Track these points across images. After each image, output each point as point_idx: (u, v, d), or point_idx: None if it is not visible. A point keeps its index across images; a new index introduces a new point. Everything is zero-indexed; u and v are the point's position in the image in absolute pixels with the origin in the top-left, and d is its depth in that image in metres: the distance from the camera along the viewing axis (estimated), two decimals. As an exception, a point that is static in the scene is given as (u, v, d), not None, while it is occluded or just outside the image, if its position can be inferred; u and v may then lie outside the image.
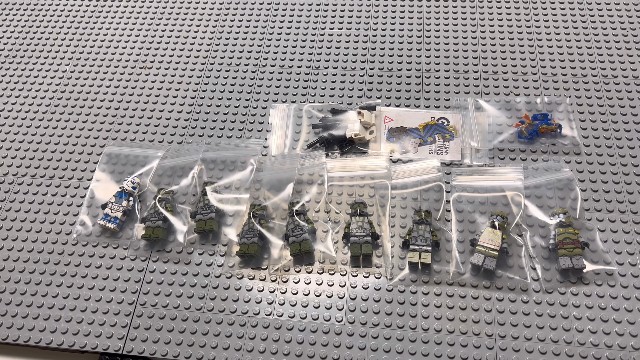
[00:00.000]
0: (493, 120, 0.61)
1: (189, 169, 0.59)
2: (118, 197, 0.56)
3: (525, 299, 0.50)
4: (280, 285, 0.52)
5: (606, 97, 0.62)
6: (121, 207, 0.55)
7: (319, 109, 0.63)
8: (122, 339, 0.50)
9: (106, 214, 0.55)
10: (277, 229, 0.54)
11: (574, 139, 0.59)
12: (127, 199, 0.56)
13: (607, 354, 0.47)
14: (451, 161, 0.58)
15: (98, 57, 0.70)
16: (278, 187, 0.57)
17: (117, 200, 0.56)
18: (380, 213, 0.55)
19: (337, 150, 0.59)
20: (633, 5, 0.71)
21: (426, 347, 0.48)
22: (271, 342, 0.49)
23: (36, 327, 0.51)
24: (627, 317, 0.49)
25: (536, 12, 0.71)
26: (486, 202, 0.55)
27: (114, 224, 0.55)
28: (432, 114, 0.62)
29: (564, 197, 0.55)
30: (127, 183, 0.57)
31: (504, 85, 0.64)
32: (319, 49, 0.69)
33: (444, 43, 0.68)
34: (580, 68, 0.65)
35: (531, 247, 0.52)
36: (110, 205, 0.55)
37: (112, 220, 0.55)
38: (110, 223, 0.55)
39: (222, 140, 0.61)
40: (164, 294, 0.52)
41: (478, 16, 0.71)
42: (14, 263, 0.55)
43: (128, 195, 0.56)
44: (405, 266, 0.52)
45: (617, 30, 0.68)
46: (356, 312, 0.50)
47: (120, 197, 0.56)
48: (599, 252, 0.52)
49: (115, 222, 0.55)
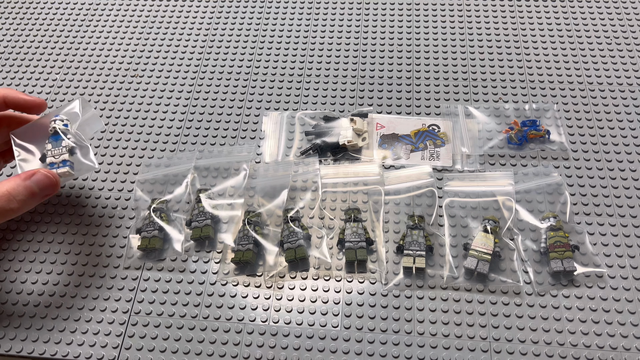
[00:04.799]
0: (483, 126, 0.62)
1: (182, 177, 0.59)
2: (54, 141, 0.50)
3: (518, 301, 0.51)
4: (275, 292, 0.52)
5: (592, 104, 0.64)
6: (63, 148, 0.50)
7: (311, 116, 0.64)
8: (117, 348, 0.50)
9: (51, 163, 0.49)
10: (272, 235, 0.55)
11: (562, 145, 0.60)
12: (67, 137, 0.50)
13: (599, 354, 0.48)
14: (443, 167, 0.59)
15: (89, 66, 0.70)
16: (272, 194, 0.57)
17: (54, 145, 0.50)
18: (374, 219, 0.56)
19: (330, 157, 0.60)
20: (616, 15, 0.73)
21: (422, 351, 0.48)
22: (267, 348, 0.49)
23: (28, 338, 0.50)
24: (617, 318, 0.50)
25: (523, 22, 0.72)
26: (478, 206, 0.56)
27: (65, 167, 0.49)
28: (423, 121, 0.63)
29: (553, 202, 0.56)
30: (57, 122, 0.51)
31: (493, 92, 0.65)
32: (310, 57, 0.70)
33: (434, 51, 0.70)
34: (566, 75, 0.67)
35: (523, 251, 0.53)
36: (50, 153, 0.50)
37: (60, 165, 0.49)
38: (61, 168, 0.49)
39: (215, 148, 0.62)
40: (159, 302, 0.52)
41: (466, 25, 0.72)
42: (5, 273, 0.54)
43: (64, 134, 0.50)
44: (399, 271, 0.53)
45: (601, 39, 0.70)
46: (352, 317, 0.51)
47: (57, 140, 0.50)
48: (589, 254, 0.53)
49: (66, 165, 0.49)
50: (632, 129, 0.62)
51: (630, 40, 0.70)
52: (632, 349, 0.48)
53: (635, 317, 0.50)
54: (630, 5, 0.74)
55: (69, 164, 0.50)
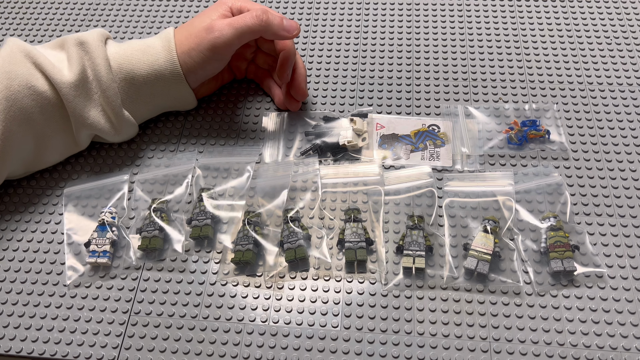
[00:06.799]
0: (483, 126, 0.62)
1: (182, 177, 0.59)
2: (100, 231, 0.54)
3: (518, 302, 0.51)
4: (275, 292, 0.52)
5: (592, 104, 0.64)
6: (107, 239, 0.53)
7: (311, 117, 0.64)
8: (117, 348, 0.50)
9: (93, 251, 0.53)
10: (272, 235, 0.55)
11: (562, 145, 0.60)
12: (111, 229, 0.54)
13: (599, 354, 0.48)
14: (442, 167, 0.59)
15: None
16: (272, 194, 0.57)
17: (100, 235, 0.54)
18: (374, 219, 0.56)
19: (330, 157, 0.60)
20: (616, 15, 0.73)
21: (422, 352, 0.48)
22: (267, 348, 0.49)
23: (28, 338, 0.50)
24: (617, 318, 0.50)
25: (523, 22, 0.72)
26: (478, 207, 0.56)
27: (105, 257, 0.53)
28: (423, 121, 0.63)
29: (553, 202, 0.56)
30: (106, 214, 0.55)
31: (493, 92, 0.65)
32: (310, 57, 0.70)
33: (434, 52, 0.70)
34: (566, 75, 0.67)
35: (523, 251, 0.53)
36: (95, 241, 0.54)
37: (101, 255, 0.53)
38: (101, 258, 0.53)
39: (215, 149, 0.62)
40: (159, 302, 0.52)
41: (466, 25, 0.72)
42: (5, 273, 0.54)
43: (110, 226, 0.54)
44: (399, 271, 0.53)
45: (601, 39, 0.70)
46: (352, 317, 0.51)
47: (103, 230, 0.54)
48: (589, 255, 0.53)
49: (106, 256, 0.53)
50: (632, 129, 0.62)
51: (630, 40, 0.70)
52: (632, 349, 0.48)
53: (635, 317, 0.50)
54: (630, 5, 0.74)
55: (109, 255, 0.53)
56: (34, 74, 0.54)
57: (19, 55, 0.54)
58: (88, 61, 0.55)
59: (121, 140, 0.61)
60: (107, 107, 0.56)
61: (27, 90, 0.53)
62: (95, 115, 0.56)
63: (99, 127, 0.56)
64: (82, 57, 0.55)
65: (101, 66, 0.55)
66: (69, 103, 0.54)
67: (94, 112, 0.56)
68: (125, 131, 0.59)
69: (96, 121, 0.56)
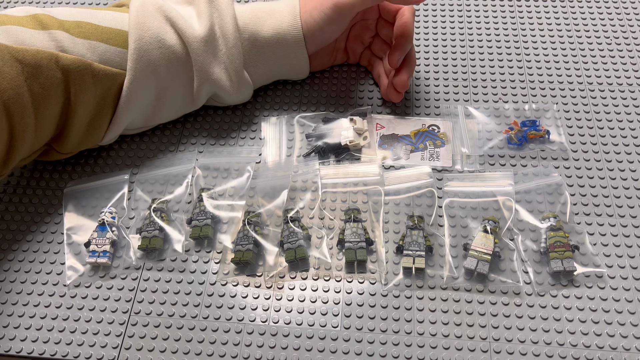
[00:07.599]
0: (483, 126, 0.62)
1: (182, 177, 0.59)
2: (100, 231, 0.54)
3: (518, 302, 0.51)
4: (275, 292, 0.52)
5: (592, 104, 0.64)
6: (107, 239, 0.54)
7: (310, 118, 0.64)
8: (117, 348, 0.50)
9: (93, 251, 0.53)
10: (272, 235, 0.55)
11: (562, 145, 0.60)
12: (111, 229, 0.54)
13: (599, 354, 0.48)
14: (442, 167, 0.59)
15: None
16: (272, 194, 0.57)
17: (100, 235, 0.54)
18: (374, 219, 0.56)
19: (332, 159, 0.60)
20: (616, 15, 0.73)
21: (422, 352, 0.48)
22: (267, 348, 0.49)
23: (28, 338, 0.50)
24: (617, 318, 0.50)
25: (523, 22, 0.72)
26: (478, 207, 0.56)
27: (105, 257, 0.53)
28: (423, 121, 0.63)
29: (553, 202, 0.56)
30: (106, 214, 0.55)
31: (493, 92, 0.65)
32: (310, 57, 0.70)
33: (434, 52, 0.70)
34: (566, 75, 0.67)
35: (523, 251, 0.53)
36: (95, 241, 0.54)
37: (101, 255, 0.53)
38: (101, 258, 0.53)
39: (215, 149, 0.62)
40: (159, 302, 0.52)
41: (466, 25, 0.72)
42: (5, 273, 0.54)
43: (110, 226, 0.54)
44: (399, 271, 0.53)
45: (601, 39, 0.70)
46: (352, 317, 0.51)
47: (103, 230, 0.54)
48: (589, 255, 0.53)
49: (106, 256, 0.53)
50: (632, 129, 0.62)
51: (630, 40, 0.70)
52: (632, 349, 0.48)
53: (635, 317, 0.50)
54: (630, 5, 0.74)
55: (109, 255, 0.53)
56: (165, 28, 0.55)
57: (152, 8, 0.55)
58: (217, 18, 0.56)
59: (237, 102, 0.62)
60: (230, 65, 0.57)
61: (157, 42, 0.54)
62: (219, 72, 0.57)
63: (221, 84, 0.57)
64: (212, 14, 0.56)
65: (229, 24, 0.56)
66: (197, 57, 0.55)
67: (217, 69, 0.57)
68: (244, 91, 0.60)
69: (219, 77, 0.57)
